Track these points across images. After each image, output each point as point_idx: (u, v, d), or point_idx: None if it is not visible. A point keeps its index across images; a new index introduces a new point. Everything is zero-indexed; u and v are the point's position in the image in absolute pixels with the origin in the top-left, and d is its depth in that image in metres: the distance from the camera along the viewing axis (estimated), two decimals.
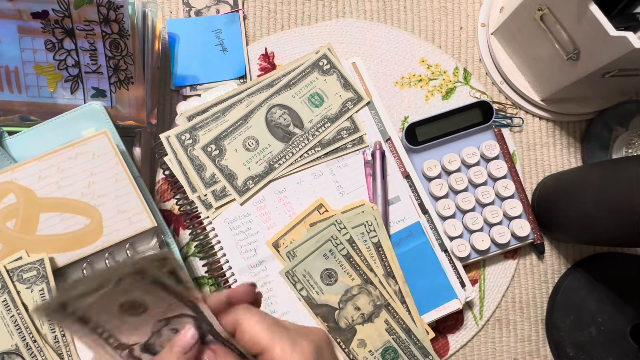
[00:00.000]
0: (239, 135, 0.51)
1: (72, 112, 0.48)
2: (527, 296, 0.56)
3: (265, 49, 0.57)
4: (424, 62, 0.58)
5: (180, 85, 0.55)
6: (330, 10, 0.59)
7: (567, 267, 0.57)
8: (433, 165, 0.54)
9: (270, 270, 0.50)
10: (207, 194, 0.51)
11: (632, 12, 0.46)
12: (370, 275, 0.49)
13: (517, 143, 0.58)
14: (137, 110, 0.50)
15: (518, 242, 0.54)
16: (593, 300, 0.54)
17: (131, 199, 0.47)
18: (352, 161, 0.52)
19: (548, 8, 0.47)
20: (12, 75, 0.47)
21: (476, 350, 0.55)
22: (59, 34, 0.46)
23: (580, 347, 0.53)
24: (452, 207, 0.53)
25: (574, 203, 0.49)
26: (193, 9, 0.57)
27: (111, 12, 0.46)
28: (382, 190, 0.51)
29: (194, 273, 0.54)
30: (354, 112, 0.53)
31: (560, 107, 0.57)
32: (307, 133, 0.52)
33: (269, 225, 0.51)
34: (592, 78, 0.48)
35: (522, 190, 0.55)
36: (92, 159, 0.46)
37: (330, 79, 0.53)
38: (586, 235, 0.50)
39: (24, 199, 0.45)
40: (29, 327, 0.43)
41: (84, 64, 0.48)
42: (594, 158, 0.57)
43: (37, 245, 0.45)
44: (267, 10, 0.58)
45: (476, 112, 0.54)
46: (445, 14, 0.59)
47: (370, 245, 0.50)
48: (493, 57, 0.58)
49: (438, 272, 0.51)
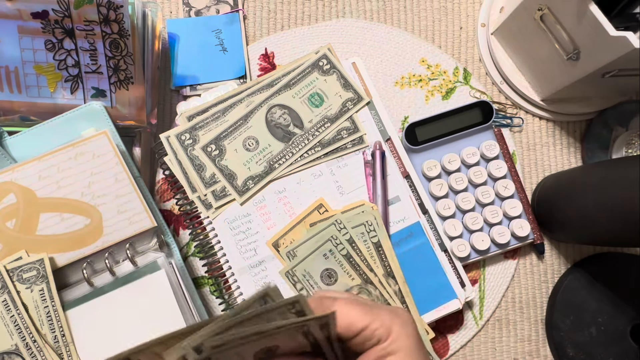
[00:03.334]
0: (239, 135, 0.51)
1: (72, 112, 0.48)
2: (527, 296, 0.56)
3: (265, 49, 0.57)
4: (424, 62, 0.58)
5: (180, 85, 0.55)
6: (330, 10, 0.59)
7: (567, 267, 0.57)
8: (433, 165, 0.54)
9: (270, 270, 0.50)
10: (207, 194, 0.50)
11: (632, 12, 0.46)
12: (370, 275, 0.49)
13: (517, 143, 0.58)
14: (137, 110, 0.50)
15: (518, 242, 0.54)
16: (593, 300, 0.54)
17: (131, 199, 0.47)
18: (352, 161, 0.52)
19: (548, 8, 0.47)
20: (12, 75, 0.47)
21: (476, 350, 0.55)
22: (59, 34, 0.46)
23: (580, 347, 0.53)
24: (452, 207, 0.53)
25: (574, 203, 0.49)
26: (193, 9, 0.57)
27: (111, 12, 0.46)
28: (382, 190, 0.51)
29: (194, 273, 0.54)
30: (354, 112, 0.53)
31: (560, 107, 0.57)
32: (307, 133, 0.52)
33: (269, 225, 0.51)
34: (592, 78, 0.48)
35: (522, 190, 0.55)
36: (92, 159, 0.46)
37: (330, 79, 0.53)
38: (586, 235, 0.50)
39: (24, 199, 0.45)
40: (28, 327, 0.43)
41: (84, 64, 0.48)
42: (594, 158, 0.57)
43: (37, 245, 0.45)
44: (267, 10, 0.58)
45: (476, 112, 0.54)
46: (445, 14, 0.59)
47: (370, 245, 0.50)
48: (493, 57, 0.58)
49: (438, 272, 0.51)
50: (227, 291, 0.51)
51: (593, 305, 0.54)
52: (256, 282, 0.50)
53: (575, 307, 0.54)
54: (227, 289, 0.51)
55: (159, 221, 0.49)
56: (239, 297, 0.50)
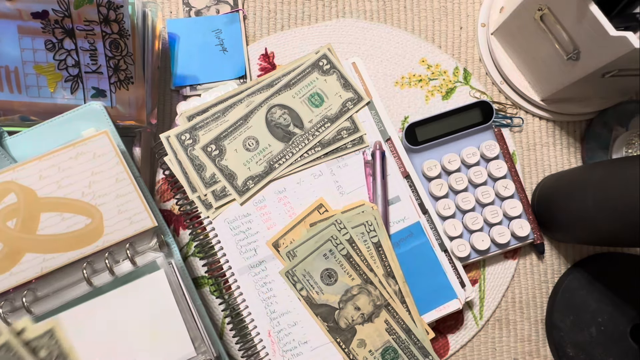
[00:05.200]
0: (239, 135, 0.51)
1: (72, 112, 0.48)
2: (527, 296, 0.56)
3: (265, 49, 0.57)
4: (424, 62, 0.58)
5: (180, 85, 0.55)
6: (330, 10, 0.59)
7: (567, 267, 0.57)
8: (433, 165, 0.54)
9: (270, 270, 0.50)
10: (207, 194, 0.51)
11: (632, 12, 0.46)
12: (370, 275, 0.49)
13: (517, 143, 0.58)
14: (137, 110, 0.50)
15: (518, 242, 0.54)
16: (593, 300, 0.54)
17: (132, 199, 0.47)
18: (352, 161, 0.52)
19: (548, 8, 0.47)
20: (12, 75, 0.47)
21: (476, 350, 0.55)
22: (59, 34, 0.46)
23: (580, 347, 0.53)
24: (452, 207, 0.53)
25: (574, 203, 0.49)
26: (193, 9, 0.57)
27: (111, 12, 0.46)
28: (382, 190, 0.51)
29: (194, 273, 0.54)
30: (354, 112, 0.53)
31: (560, 107, 0.57)
32: (307, 133, 0.52)
33: (269, 225, 0.51)
34: (592, 78, 0.48)
35: (522, 190, 0.55)
36: (92, 158, 0.46)
37: (330, 79, 0.53)
38: (586, 235, 0.50)
39: (25, 198, 0.45)
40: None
41: (84, 64, 0.48)
42: (594, 158, 0.57)
43: (37, 244, 0.45)
44: (267, 10, 0.58)
45: (476, 112, 0.54)
46: (445, 14, 0.59)
47: (370, 245, 0.50)
48: (493, 57, 0.58)
49: (438, 272, 0.51)
50: (227, 291, 0.51)
51: (593, 305, 0.54)
52: (256, 282, 0.50)
53: (575, 307, 0.54)
54: (227, 289, 0.51)
55: (159, 221, 0.49)
56: (238, 297, 0.50)
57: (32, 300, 0.45)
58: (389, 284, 0.49)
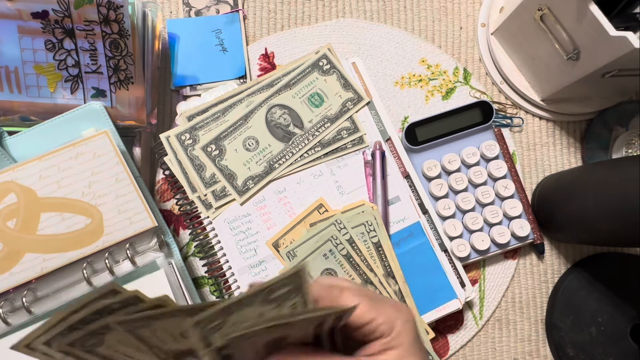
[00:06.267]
0: (239, 135, 0.51)
1: (72, 112, 0.48)
2: (527, 296, 0.56)
3: (265, 49, 0.57)
4: (424, 62, 0.58)
5: (180, 85, 0.55)
6: (330, 10, 0.59)
7: (567, 267, 0.57)
8: (433, 165, 0.54)
9: (270, 270, 0.50)
10: (207, 194, 0.51)
11: (632, 12, 0.46)
12: (370, 275, 0.49)
13: (517, 143, 0.58)
14: (137, 110, 0.50)
15: (518, 242, 0.54)
16: (593, 300, 0.54)
17: (132, 199, 0.47)
18: (352, 161, 0.52)
19: (548, 8, 0.47)
20: (12, 76, 0.47)
21: (476, 350, 0.55)
22: (59, 34, 0.46)
23: (580, 347, 0.53)
24: (452, 207, 0.53)
25: (573, 203, 0.49)
26: (193, 9, 0.57)
27: (111, 12, 0.46)
28: (382, 190, 0.51)
29: (194, 273, 0.54)
30: (354, 112, 0.53)
31: (560, 107, 0.57)
32: (307, 133, 0.52)
33: (269, 225, 0.51)
34: (592, 78, 0.48)
35: (522, 190, 0.55)
36: (92, 158, 0.46)
37: (330, 79, 0.53)
38: (586, 235, 0.50)
39: (25, 198, 0.45)
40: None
41: (84, 64, 0.48)
42: (594, 158, 0.57)
43: (37, 245, 0.45)
44: (267, 10, 0.58)
45: (476, 112, 0.54)
46: (445, 14, 0.59)
47: (370, 245, 0.50)
48: (493, 57, 0.58)
49: (438, 272, 0.51)
50: (227, 291, 0.51)
51: (593, 305, 0.54)
52: (256, 282, 0.50)
53: (575, 307, 0.54)
54: (227, 289, 0.51)
55: (159, 221, 0.49)
56: None
57: (32, 300, 0.45)
58: (389, 284, 0.49)
